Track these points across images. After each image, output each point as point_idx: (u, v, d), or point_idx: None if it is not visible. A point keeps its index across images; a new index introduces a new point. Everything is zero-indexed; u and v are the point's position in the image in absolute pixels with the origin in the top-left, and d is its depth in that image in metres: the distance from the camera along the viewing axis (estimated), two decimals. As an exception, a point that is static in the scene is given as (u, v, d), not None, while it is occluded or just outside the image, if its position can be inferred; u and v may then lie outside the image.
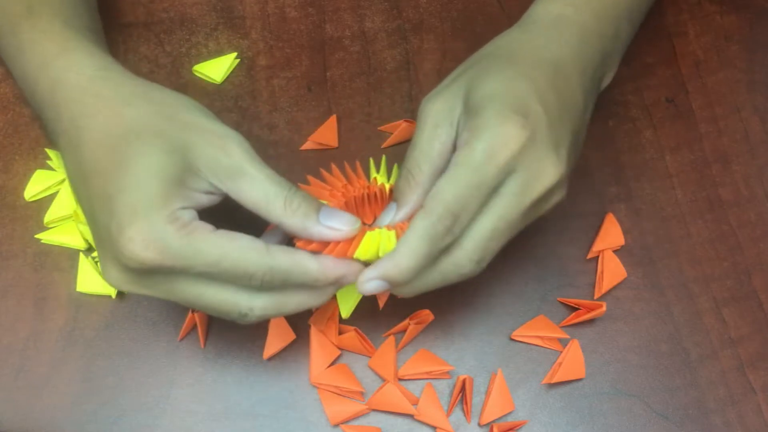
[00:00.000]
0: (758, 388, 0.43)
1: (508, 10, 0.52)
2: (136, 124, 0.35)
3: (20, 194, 0.47)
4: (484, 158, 0.34)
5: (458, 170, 0.34)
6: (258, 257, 0.34)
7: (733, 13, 0.52)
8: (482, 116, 0.35)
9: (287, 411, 0.43)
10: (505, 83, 0.36)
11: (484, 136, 0.34)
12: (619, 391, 0.43)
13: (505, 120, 0.35)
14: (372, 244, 0.35)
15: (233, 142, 0.35)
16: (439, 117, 0.37)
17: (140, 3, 0.52)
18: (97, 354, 0.44)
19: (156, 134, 0.35)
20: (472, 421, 0.42)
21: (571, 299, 0.44)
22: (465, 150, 0.35)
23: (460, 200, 0.34)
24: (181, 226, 0.33)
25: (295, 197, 0.35)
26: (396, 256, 0.34)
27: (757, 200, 0.47)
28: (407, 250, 0.34)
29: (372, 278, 0.35)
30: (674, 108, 0.49)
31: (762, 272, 0.46)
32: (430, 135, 0.36)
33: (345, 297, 0.44)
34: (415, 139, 0.37)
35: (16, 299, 0.45)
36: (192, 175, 0.34)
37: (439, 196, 0.34)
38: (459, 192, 0.34)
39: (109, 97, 0.36)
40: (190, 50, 0.51)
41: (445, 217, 0.34)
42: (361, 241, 0.36)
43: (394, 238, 0.35)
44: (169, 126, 0.35)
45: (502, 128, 0.34)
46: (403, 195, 0.37)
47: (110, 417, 0.43)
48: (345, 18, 0.52)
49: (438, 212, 0.34)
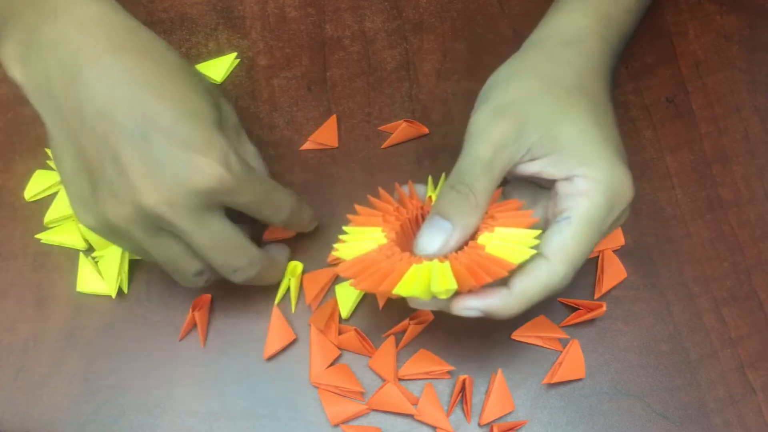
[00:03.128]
0: (758, 388, 0.43)
1: (508, 11, 0.52)
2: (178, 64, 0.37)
3: (20, 194, 0.47)
4: (606, 213, 0.35)
5: (583, 226, 0.35)
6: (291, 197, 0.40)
7: (733, 13, 0.52)
8: (599, 168, 0.35)
9: (287, 411, 0.43)
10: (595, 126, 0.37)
11: (605, 191, 0.35)
12: (619, 391, 0.43)
13: (619, 172, 0.36)
14: (421, 280, 0.33)
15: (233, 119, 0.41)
16: (508, 137, 0.35)
17: (140, 3, 0.52)
18: (97, 354, 0.44)
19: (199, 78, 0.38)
20: (472, 421, 0.42)
21: (571, 299, 0.44)
22: (588, 203, 0.35)
23: (584, 255, 0.35)
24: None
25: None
26: (509, 299, 0.34)
27: (757, 200, 0.47)
28: (524, 299, 0.34)
29: (473, 308, 0.35)
30: (674, 108, 0.49)
31: (762, 272, 0.46)
32: (497, 154, 0.35)
33: (345, 297, 0.44)
34: (474, 154, 0.35)
35: (16, 299, 0.45)
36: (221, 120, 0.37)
37: (566, 252, 0.34)
38: (586, 249, 0.35)
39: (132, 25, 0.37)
40: (190, 50, 0.51)
41: (570, 272, 0.35)
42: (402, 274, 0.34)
43: (451, 275, 0.33)
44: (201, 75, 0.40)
45: (619, 182, 0.35)
46: (461, 214, 0.35)
47: (110, 417, 0.43)
48: (345, 18, 0.52)
49: (565, 270, 0.34)
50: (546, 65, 0.39)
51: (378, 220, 0.38)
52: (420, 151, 0.48)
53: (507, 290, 0.34)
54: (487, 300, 0.34)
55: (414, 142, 0.49)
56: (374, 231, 0.38)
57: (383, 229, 0.37)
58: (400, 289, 0.33)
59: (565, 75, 0.38)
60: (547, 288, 0.34)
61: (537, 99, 0.37)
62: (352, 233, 0.38)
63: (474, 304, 0.34)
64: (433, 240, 0.35)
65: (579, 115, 0.37)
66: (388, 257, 0.35)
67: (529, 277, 0.34)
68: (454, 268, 0.33)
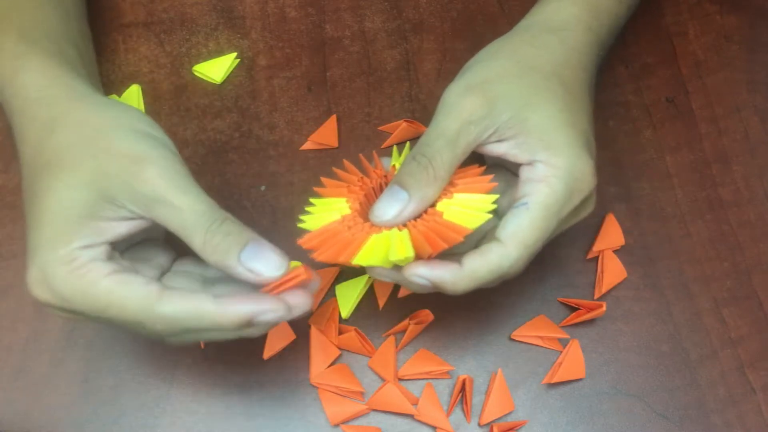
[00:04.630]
0: (758, 388, 0.43)
1: (508, 10, 0.52)
2: (53, 155, 0.34)
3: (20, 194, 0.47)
4: (564, 200, 0.35)
5: (540, 212, 0.35)
6: (146, 307, 0.32)
7: (733, 13, 0.52)
8: (561, 155, 0.35)
9: (287, 411, 0.43)
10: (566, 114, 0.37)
11: (565, 178, 0.35)
12: (619, 391, 0.43)
13: (582, 161, 0.36)
14: (379, 250, 0.34)
15: (153, 167, 0.33)
16: (477, 114, 0.36)
17: (140, 3, 0.52)
18: (97, 354, 0.44)
19: (68, 167, 0.33)
20: (472, 421, 0.42)
21: (571, 299, 0.44)
22: (546, 190, 0.35)
23: (540, 242, 0.35)
24: (74, 269, 0.32)
25: (217, 232, 0.32)
26: (458, 275, 0.34)
27: (757, 200, 0.47)
28: (473, 277, 0.34)
29: (421, 276, 0.34)
30: (674, 108, 0.49)
31: (762, 272, 0.46)
32: (462, 129, 0.35)
33: (345, 297, 0.44)
34: (441, 127, 0.36)
35: (16, 299, 0.45)
36: (107, 205, 0.33)
37: (520, 237, 0.34)
38: (541, 235, 0.35)
39: (40, 123, 0.36)
40: (190, 50, 0.51)
41: (523, 257, 0.35)
42: (362, 244, 0.34)
43: (409, 243, 0.33)
44: (84, 155, 0.34)
45: (580, 170, 0.36)
46: (418, 184, 0.35)
47: (110, 417, 0.43)
48: (345, 18, 0.52)
49: (518, 254, 0.34)
50: (527, 49, 0.39)
51: (343, 191, 0.38)
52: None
53: (458, 266, 0.34)
54: (436, 271, 0.34)
55: (414, 142, 0.49)
56: (339, 202, 0.38)
57: (348, 199, 0.38)
58: (359, 259, 0.33)
59: (544, 61, 0.38)
60: (497, 270, 0.34)
61: (510, 80, 0.37)
62: (318, 204, 0.39)
63: (424, 273, 0.34)
64: (388, 209, 0.35)
65: (549, 101, 0.37)
66: (349, 228, 0.36)
67: (481, 257, 0.34)
68: (412, 235, 0.34)
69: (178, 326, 0.32)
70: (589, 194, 0.36)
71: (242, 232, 0.33)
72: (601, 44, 0.42)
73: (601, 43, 0.42)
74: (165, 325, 0.32)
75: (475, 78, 0.37)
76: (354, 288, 0.44)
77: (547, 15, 0.41)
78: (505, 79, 0.37)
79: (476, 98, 0.36)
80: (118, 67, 0.50)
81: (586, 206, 0.38)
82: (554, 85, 0.37)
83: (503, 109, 0.36)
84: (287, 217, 0.47)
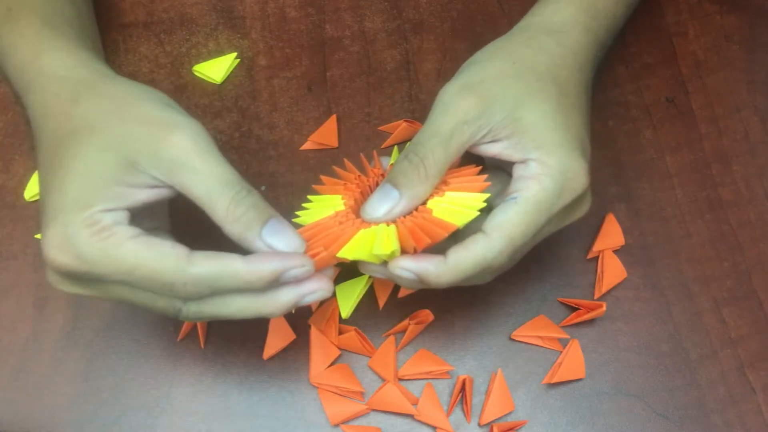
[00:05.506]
0: (758, 388, 0.43)
1: (508, 11, 0.52)
2: (79, 122, 0.34)
3: (20, 194, 0.47)
4: (554, 199, 0.35)
5: (528, 206, 0.35)
6: (175, 266, 0.31)
7: (733, 13, 0.52)
8: (554, 154, 0.35)
9: (287, 411, 0.43)
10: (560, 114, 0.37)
11: (556, 177, 0.35)
12: (619, 391, 0.43)
13: (574, 161, 0.36)
14: (365, 244, 0.34)
15: (182, 132, 0.33)
16: (471, 115, 0.36)
17: (140, 3, 0.52)
18: (97, 354, 0.44)
19: (94, 131, 0.34)
20: (472, 421, 0.42)
21: (571, 299, 0.44)
22: (536, 186, 0.35)
23: (526, 236, 0.35)
24: (97, 231, 0.32)
25: (241, 203, 0.32)
26: (442, 267, 0.34)
27: (757, 200, 0.47)
28: (456, 269, 0.34)
29: (406, 269, 0.34)
30: (674, 108, 0.49)
31: (762, 272, 0.46)
32: (456, 129, 0.36)
33: (345, 297, 0.44)
34: (435, 126, 0.36)
35: (16, 299, 0.45)
36: (131, 170, 0.33)
37: (506, 229, 0.34)
38: (527, 230, 0.35)
39: (65, 97, 0.36)
40: (190, 50, 0.51)
41: (508, 251, 0.34)
42: (350, 237, 0.34)
43: (395, 238, 0.34)
44: (111, 120, 0.34)
45: (573, 170, 0.35)
46: (410, 183, 0.35)
47: (110, 417, 0.43)
48: (345, 18, 0.52)
49: (502, 245, 0.34)
50: (523, 51, 0.39)
51: (340, 188, 0.39)
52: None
53: (442, 258, 0.34)
54: (421, 263, 0.34)
55: (414, 142, 0.49)
56: (335, 199, 0.38)
57: (343, 196, 0.38)
58: (345, 253, 0.34)
59: (539, 61, 0.38)
60: (481, 262, 0.34)
61: (505, 81, 0.37)
62: (315, 201, 0.39)
63: (408, 265, 0.34)
64: (379, 206, 0.35)
65: (543, 102, 0.37)
66: (340, 223, 0.36)
67: (465, 249, 0.34)
68: (398, 231, 0.34)
69: (208, 287, 0.32)
70: (581, 194, 0.36)
71: (266, 207, 0.33)
72: (599, 45, 0.42)
73: (600, 43, 0.42)
74: (194, 287, 0.32)
75: (471, 78, 0.37)
76: (354, 288, 0.44)
77: (545, 16, 0.41)
78: (500, 80, 0.37)
79: (471, 98, 0.36)
80: (118, 67, 0.50)
81: (579, 207, 0.38)
82: (549, 86, 0.37)
83: (497, 110, 0.36)
84: (287, 217, 0.46)
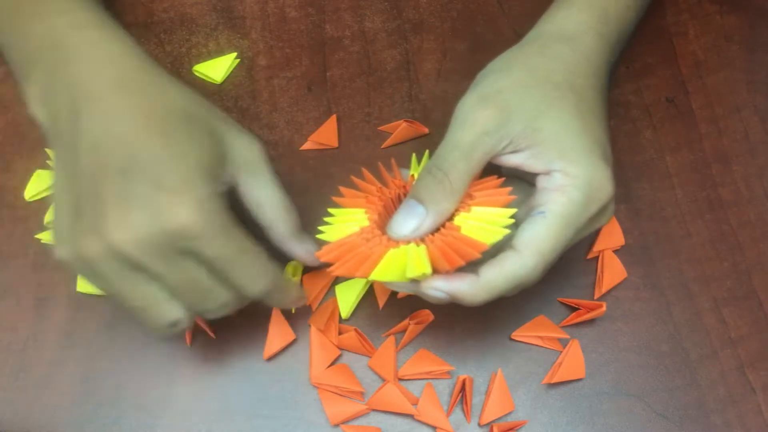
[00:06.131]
0: (758, 388, 0.43)
1: (508, 10, 0.52)
2: (173, 105, 0.36)
3: (20, 194, 0.47)
4: (582, 209, 0.35)
5: (557, 221, 0.35)
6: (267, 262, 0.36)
7: (733, 13, 0.52)
8: (578, 164, 0.35)
9: (287, 411, 0.43)
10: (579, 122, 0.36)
11: (583, 188, 0.35)
12: (619, 391, 0.43)
13: (599, 169, 0.35)
14: (396, 266, 0.34)
15: (255, 140, 0.39)
16: (490, 125, 0.35)
17: (140, 3, 0.52)
18: (97, 354, 0.44)
19: (193, 118, 0.36)
20: (472, 421, 0.42)
21: (571, 299, 0.44)
22: (563, 199, 0.35)
23: (556, 251, 0.35)
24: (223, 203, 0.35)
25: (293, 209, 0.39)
26: (476, 286, 0.34)
27: (757, 200, 0.47)
28: (490, 288, 0.34)
29: (439, 290, 0.35)
30: (674, 108, 0.49)
31: (762, 272, 0.46)
32: (477, 141, 0.35)
33: (345, 297, 0.44)
34: (456, 139, 0.36)
35: (16, 299, 0.45)
36: (221, 162, 0.36)
37: (537, 246, 0.34)
38: (557, 245, 0.35)
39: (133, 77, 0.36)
40: (190, 50, 0.51)
41: (540, 267, 0.34)
42: (379, 259, 0.34)
43: (426, 259, 0.33)
44: (208, 113, 0.37)
45: (598, 179, 0.35)
46: (435, 199, 0.35)
47: (110, 417, 0.43)
48: (345, 18, 0.52)
49: (534, 262, 0.34)
50: (538, 59, 0.39)
51: (361, 201, 0.38)
52: (420, 151, 0.48)
53: (475, 277, 0.34)
54: (454, 284, 0.34)
55: (414, 142, 0.49)
56: (358, 212, 0.38)
57: (366, 210, 0.38)
58: (376, 275, 0.34)
59: (555, 70, 0.38)
60: (514, 279, 0.34)
61: (523, 91, 0.37)
62: (337, 215, 0.39)
63: (441, 286, 0.34)
64: (406, 224, 0.35)
65: (563, 110, 0.37)
66: (368, 240, 0.36)
67: (497, 267, 0.34)
68: (429, 252, 0.34)
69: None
70: (607, 202, 0.36)
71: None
72: (611, 50, 0.42)
73: (612, 48, 0.42)
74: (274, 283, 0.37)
75: (488, 89, 0.37)
76: (354, 288, 0.44)
77: (557, 24, 0.41)
78: (517, 90, 0.37)
79: (490, 110, 0.36)
80: (118, 67, 0.50)
81: (604, 214, 0.37)
82: (567, 94, 0.37)
83: (517, 120, 0.36)
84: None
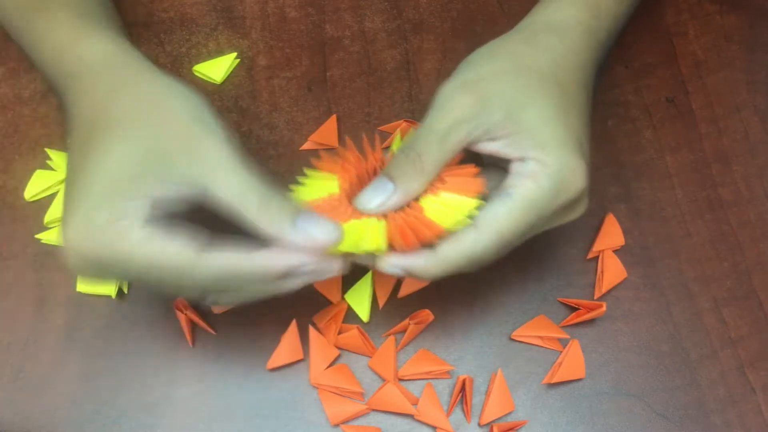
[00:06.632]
0: (758, 388, 0.43)
1: (508, 10, 0.52)
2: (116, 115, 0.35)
3: (20, 194, 0.47)
4: (550, 198, 0.35)
5: (520, 204, 0.34)
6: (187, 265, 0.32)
7: (733, 13, 0.52)
8: (552, 154, 0.35)
9: (287, 411, 0.43)
10: (560, 114, 0.36)
11: (554, 177, 0.35)
12: (619, 391, 0.43)
13: (573, 162, 0.35)
14: (353, 236, 0.34)
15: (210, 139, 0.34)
16: (468, 113, 0.35)
17: (140, 3, 0.52)
18: (97, 354, 0.44)
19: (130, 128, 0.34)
20: (472, 421, 0.42)
21: (571, 299, 0.44)
22: (531, 184, 0.35)
23: (516, 233, 0.35)
24: (119, 227, 0.32)
25: (273, 199, 0.33)
26: (431, 260, 0.34)
27: (757, 200, 0.47)
28: (445, 262, 0.34)
29: (394, 266, 0.35)
30: (674, 108, 0.49)
31: (762, 272, 0.46)
32: (453, 126, 0.35)
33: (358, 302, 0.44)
34: (432, 124, 0.36)
35: (16, 299, 0.45)
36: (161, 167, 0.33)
37: (496, 225, 0.34)
38: (517, 227, 0.35)
39: (104, 88, 0.36)
40: (190, 50, 0.51)
41: (497, 246, 0.34)
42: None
43: (383, 235, 0.34)
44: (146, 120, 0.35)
45: (570, 171, 0.35)
46: (405, 177, 0.35)
47: (110, 417, 0.43)
48: (345, 18, 0.52)
49: (491, 241, 0.34)
50: (524, 49, 0.39)
51: (337, 167, 0.38)
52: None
53: (431, 252, 0.34)
54: (409, 259, 0.34)
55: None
56: (331, 178, 0.38)
57: (338, 177, 0.37)
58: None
59: (540, 61, 0.38)
60: (470, 256, 0.34)
61: (505, 79, 0.37)
62: (311, 177, 0.38)
63: (396, 261, 0.35)
64: (372, 198, 0.35)
65: (543, 101, 0.36)
66: (333, 208, 0.36)
67: (454, 243, 0.34)
68: (388, 228, 0.34)
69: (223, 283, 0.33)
70: (578, 196, 0.36)
71: (296, 204, 0.34)
72: (600, 45, 0.42)
73: (601, 43, 0.42)
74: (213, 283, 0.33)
75: (469, 76, 0.37)
76: (363, 291, 0.44)
77: (547, 15, 0.41)
78: (499, 78, 0.37)
79: (469, 97, 0.36)
80: (118, 67, 0.50)
81: (575, 208, 0.37)
82: (549, 85, 0.37)
83: (496, 109, 0.36)
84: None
